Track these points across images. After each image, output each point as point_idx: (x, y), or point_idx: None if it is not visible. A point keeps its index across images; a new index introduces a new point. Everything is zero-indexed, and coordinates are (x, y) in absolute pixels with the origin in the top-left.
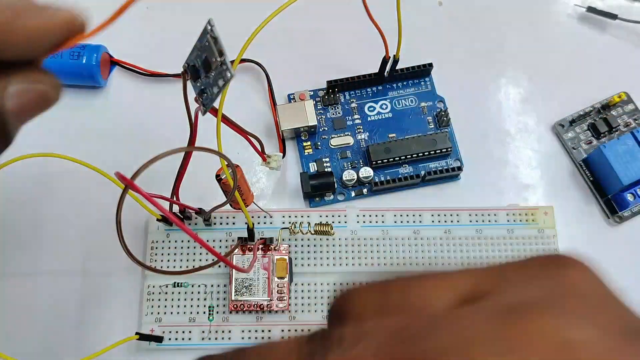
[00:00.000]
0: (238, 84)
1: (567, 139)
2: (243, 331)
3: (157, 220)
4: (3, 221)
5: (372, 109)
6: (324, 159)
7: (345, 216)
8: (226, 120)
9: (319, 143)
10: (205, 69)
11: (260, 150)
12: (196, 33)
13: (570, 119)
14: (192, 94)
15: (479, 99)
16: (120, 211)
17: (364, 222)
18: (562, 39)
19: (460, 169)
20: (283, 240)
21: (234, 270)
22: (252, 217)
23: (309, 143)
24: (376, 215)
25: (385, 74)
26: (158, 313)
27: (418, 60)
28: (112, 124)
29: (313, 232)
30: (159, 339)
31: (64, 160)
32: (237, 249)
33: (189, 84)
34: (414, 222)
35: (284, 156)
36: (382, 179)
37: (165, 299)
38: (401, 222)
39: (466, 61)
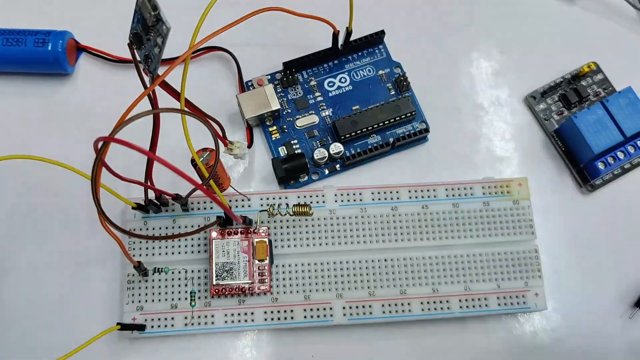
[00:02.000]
0: (205, 72)
1: (539, 111)
2: (226, 315)
3: (133, 208)
4: None
5: (331, 84)
6: (292, 142)
7: (323, 196)
8: (187, 102)
9: (285, 126)
10: (145, 30)
11: (221, 135)
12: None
13: (542, 90)
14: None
15: (451, 74)
16: (97, 170)
17: (342, 201)
18: (532, 11)
19: (427, 130)
20: (262, 222)
21: (214, 254)
22: (230, 200)
23: (274, 128)
24: (354, 194)
25: (339, 47)
26: (139, 301)
27: (393, 37)
28: (80, 110)
29: (292, 214)
30: (141, 328)
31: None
32: (216, 234)
33: (137, 54)
34: (391, 198)
35: (250, 146)
36: (353, 152)
37: (146, 287)
38: (379, 199)
39: (437, 35)
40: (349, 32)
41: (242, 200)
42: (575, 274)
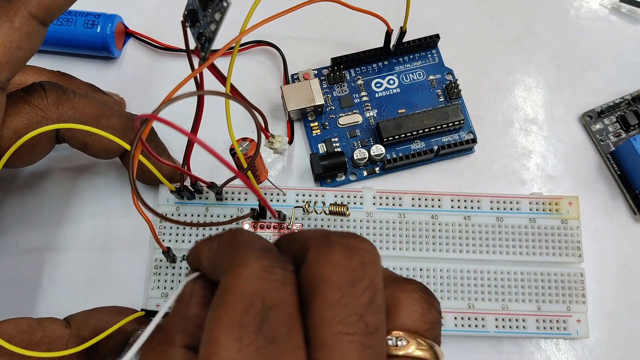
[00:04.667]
0: (250, 65)
1: (595, 131)
2: None
3: (171, 192)
4: (13, 197)
5: (379, 85)
6: (332, 139)
7: (361, 197)
8: (233, 89)
9: (327, 123)
10: (203, 6)
11: (263, 126)
12: None
13: (599, 110)
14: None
15: (504, 86)
16: (135, 148)
17: (380, 204)
18: (593, 27)
19: (474, 141)
20: (296, 219)
21: None
22: (265, 193)
23: (316, 123)
24: (393, 198)
25: (391, 47)
26: (165, 288)
27: (447, 47)
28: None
29: (328, 212)
30: (164, 315)
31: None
32: (249, 226)
33: (189, 33)
34: (432, 206)
35: (290, 142)
36: (394, 155)
37: (173, 274)
38: (419, 205)
39: (492, 46)
40: (402, 32)
41: (278, 194)
42: (622, 306)
